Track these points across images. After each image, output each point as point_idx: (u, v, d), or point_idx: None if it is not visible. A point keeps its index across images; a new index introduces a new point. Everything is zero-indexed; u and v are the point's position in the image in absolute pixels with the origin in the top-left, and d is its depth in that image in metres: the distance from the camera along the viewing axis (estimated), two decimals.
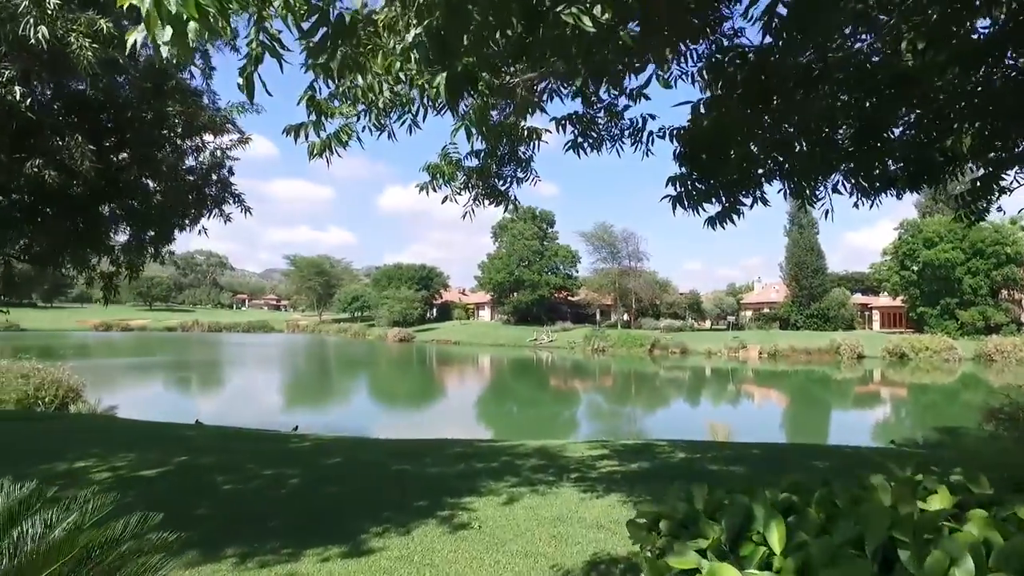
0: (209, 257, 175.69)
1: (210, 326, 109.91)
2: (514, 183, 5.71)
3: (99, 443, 9.06)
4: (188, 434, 10.38)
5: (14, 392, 19.21)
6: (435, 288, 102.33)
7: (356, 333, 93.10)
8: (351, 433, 19.10)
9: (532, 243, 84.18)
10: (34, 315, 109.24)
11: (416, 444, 9.88)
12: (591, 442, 9.06)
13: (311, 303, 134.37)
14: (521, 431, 25.25)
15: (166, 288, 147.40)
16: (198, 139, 7.76)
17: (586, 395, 38.00)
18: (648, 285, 77.51)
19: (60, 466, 7.41)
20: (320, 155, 4.10)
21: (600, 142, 5.24)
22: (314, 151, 4.08)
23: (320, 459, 7.80)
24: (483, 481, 6.33)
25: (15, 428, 10.89)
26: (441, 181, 5.36)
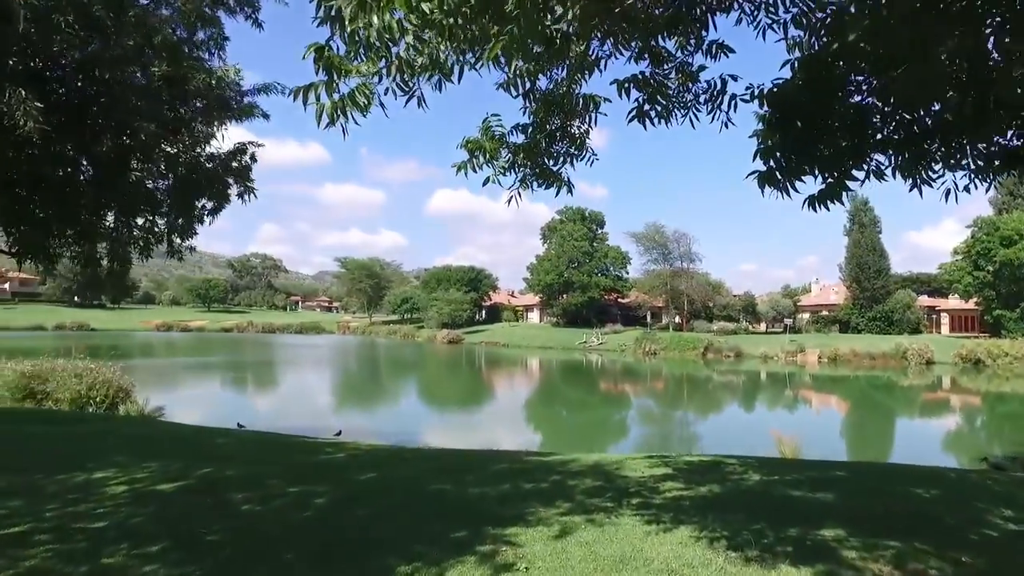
0: (264, 260, 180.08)
1: (264, 327, 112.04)
2: (567, 162, 4.90)
3: (128, 450, 8.63)
4: (220, 441, 9.90)
5: (68, 392, 19.37)
6: (484, 290, 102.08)
7: (405, 335, 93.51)
8: (395, 438, 18.60)
9: (581, 244, 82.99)
10: (103, 315, 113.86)
11: (458, 457, 9.15)
12: (651, 458, 8.15)
13: (362, 305, 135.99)
14: (570, 436, 24.42)
15: (223, 290, 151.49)
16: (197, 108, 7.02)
17: (637, 399, 36.82)
18: (701, 287, 75.45)
19: (79, 477, 6.94)
20: (333, 122, 3.37)
21: (669, 111, 4.40)
22: (325, 116, 3.35)
23: (352, 474, 7.13)
24: (531, 506, 5.53)
25: (56, 432, 10.59)
26: (482, 160, 4.59)
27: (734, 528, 5.03)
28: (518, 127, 4.70)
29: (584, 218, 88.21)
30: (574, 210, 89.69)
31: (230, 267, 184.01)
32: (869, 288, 62.49)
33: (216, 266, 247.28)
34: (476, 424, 26.41)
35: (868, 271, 62.48)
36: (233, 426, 16.81)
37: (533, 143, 4.68)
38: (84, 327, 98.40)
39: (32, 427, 10.69)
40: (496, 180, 4.74)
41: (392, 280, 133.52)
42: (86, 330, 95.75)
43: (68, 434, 9.96)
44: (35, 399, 19.59)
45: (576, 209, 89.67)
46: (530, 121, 4.67)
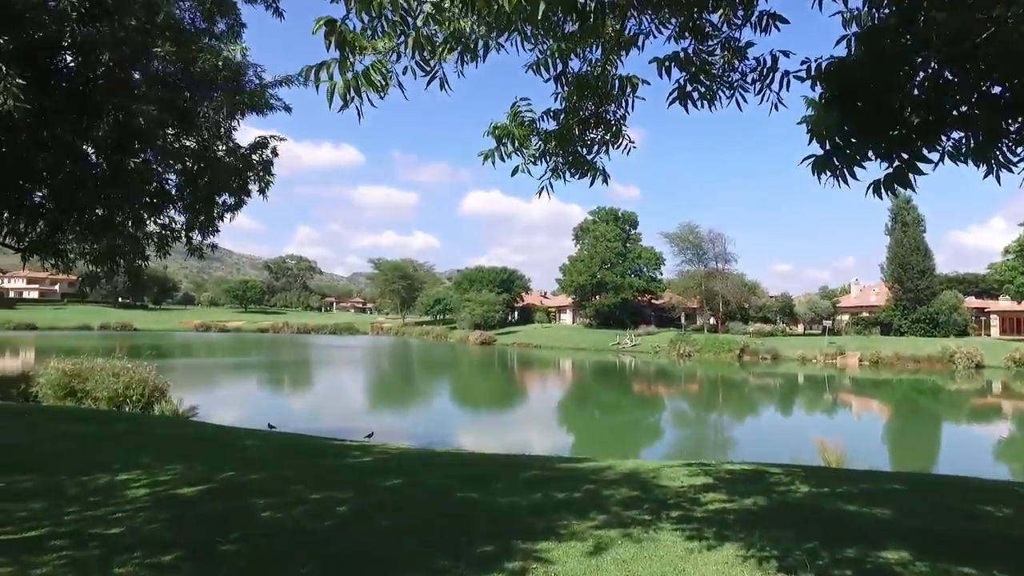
0: (300, 262, 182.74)
1: (299, 328, 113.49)
2: (602, 151, 4.55)
3: (155, 451, 8.53)
4: (248, 443, 9.76)
5: (106, 390, 19.63)
6: (516, 291, 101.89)
7: (438, 335, 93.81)
8: (425, 440, 18.42)
9: (614, 245, 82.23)
10: (145, 316, 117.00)
11: (488, 462, 8.86)
12: (690, 465, 7.74)
13: (395, 306, 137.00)
14: (603, 439, 23.98)
15: (260, 291, 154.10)
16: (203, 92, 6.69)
17: (671, 402, 36.17)
18: (736, 287, 74.07)
19: (102, 478, 6.82)
20: (347, 103, 3.09)
21: (714, 92, 4.03)
22: (337, 97, 3.06)
23: (377, 480, 6.88)
24: (563, 518, 5.19)
25: (88, 431, 10.57)
26: (510, 148, 4.28)
27: (784, 547, 4.63)
28: (549, 113, 4.37)
29: (617, 218, 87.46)
30: (607, 210, 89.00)
31: (266, 269, 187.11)
32: (912, 289, 60.54)
33: (253, 268, 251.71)
34: (507, 425, 26.15)
35: (911, 271, 60.52)
36: (264, 427, 16.81)
37: (565, 129, 4.34)
38: (127, 327, 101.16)
39: (66, 426, 10.69)
40: (526, 169, 4.41)
41: (425, 281, 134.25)
42: (129, 330, 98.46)
43: (99, 434, 9.93)
44: (76, 397, 19.90)
45: (609, 209, 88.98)
46: (561, 107, 4.34)
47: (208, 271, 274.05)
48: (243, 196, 7.82)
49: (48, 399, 20.04)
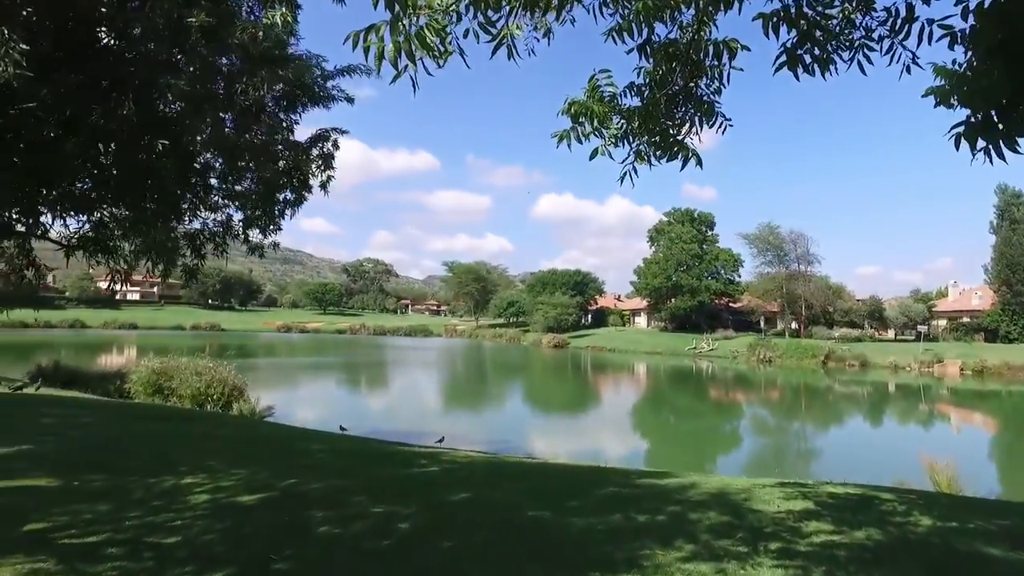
0: (376, 265, 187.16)
1: (375, 329, 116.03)
2: (693, 129, 3.98)
3: (223, 454, 8.45)
4: (315, 447, 9.59)
5: (189, 389, 20.23)
6: (590, 294, 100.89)
7: (511, 338, 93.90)
8: (496, 445, 18.05)
9: (691, 247, 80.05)
10: (232, 317, 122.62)
11: (561, 475, 8.33)
12: (784, 486, 6.97)
13: (468, 308, 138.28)
14: (678, 446, 23.14)
15: (338, 294, 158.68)
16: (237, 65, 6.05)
17: (750, 408, 34.65)
18: (820, 290, 70.77)
19: (168, 481, 6.70)
20: (398, 71, 2.66)
21: (829, 54, 3.39)
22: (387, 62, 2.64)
23: (444, 493, 6.47)
24: (645, 546, 4.63)
25: (163, 430, 10.69)
26: (588, 128, 3.77)
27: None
28: (632, 88, 3.84)
29: (693, 219, 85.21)
30: (682, 211, 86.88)
31: (345, 272, 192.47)
32: (1023, 292, 56.00)
33: (332, 271, 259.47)
34: (580, 430, 25.55)
35: (1022, 272, 55.93)
36: (337, 428, 16.84)
37: (651, 105, 3.80)
38: (215, 327, 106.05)
39: (145, 424, 10.86)
40: (606, 152, 3.88)
41: (498, 284, 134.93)
42: (217, 330, 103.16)
43: (173, 433, 9.99)
44: (163, 395, 20.61)
45: (684, 210, 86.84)
46: (645, 82, 3.81)
47: (290, 274, 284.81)
48: (304, 192, 7.59)
49: (139, 395, 20.85)
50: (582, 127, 3.74)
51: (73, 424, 10.11)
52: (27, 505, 5.85)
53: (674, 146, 3.91)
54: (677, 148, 3.91)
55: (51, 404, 12.95)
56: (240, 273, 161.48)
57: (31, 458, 7.67)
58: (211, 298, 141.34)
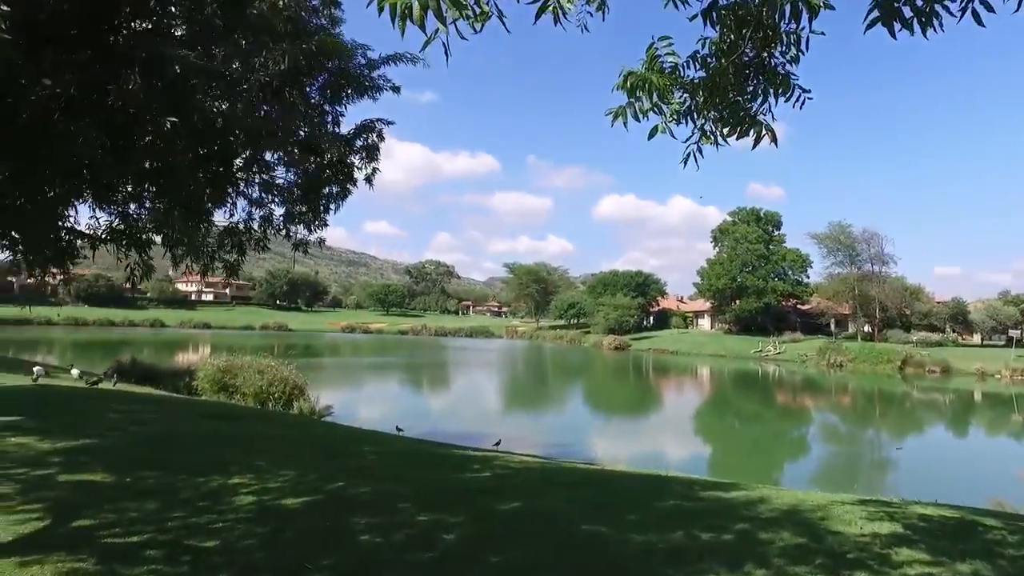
0: (438, 267, 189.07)
1: (436, 330, 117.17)
2: (767, 102, 3.54)
3: (275, 454, 8.42)
4: (367, 449, 9.49)
5: (252, 387, 20.68)
6: (651, 295, 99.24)
7: (572, 340, 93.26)
8: (554, 449, 17.71)
9: (756, 247, 77.55)
10: (298, 317, 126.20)
11: (619, 482, 7.94)
12: (866, 503, 6.35)
13: (529, 310, 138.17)
14: (742, 452, 22.29)
15: (401, 295, 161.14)
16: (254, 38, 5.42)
17: (820, 414, 33.15)
18: (895, 292, 67.41)
19: (216, 481, 6.66)
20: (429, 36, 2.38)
21: (932, 8, 2.90)
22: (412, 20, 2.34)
23: (494, 502, 6.18)
24: (711, 569, 4.19)
25: (220, 428, 10.81)
26: (647, 104, 3.40)
27: None
28: (695, 58, 3.44)
29: (759, 219, 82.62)
30: (747, 211, 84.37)
31: (407, 273, 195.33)
32: None
33: (395, 273, 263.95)
34: (641, 434, 24.96)
35: None
36: (393, 428, 16.85)
37: (718, 75, 3.40)
38: (283, 327, 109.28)
39: (204, 422, 11.02)
40: (666, 129, 3.49)
41: (559, 285, 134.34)
42: (284, 330, 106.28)
43: (229, 432, 10.07)
44: (227, 392, 21.14)
45: (750, 210, 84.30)
46: (710, 52, 3.42)
47: (354, 276, 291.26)
48: (348, 185, 7.42)
49: (206, 392, 21.46)
50: (640, 102, 3.35)
51: (136, 420, 10.33)
52: (82, 500, 5.90)
53: (744, 120, 3.47)
54: (748, 123, 3.46)
55: (120, 400, 13.34)
56: (307, 275, 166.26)
57: (94, 453, 7.82)
58: (279, 299, 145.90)
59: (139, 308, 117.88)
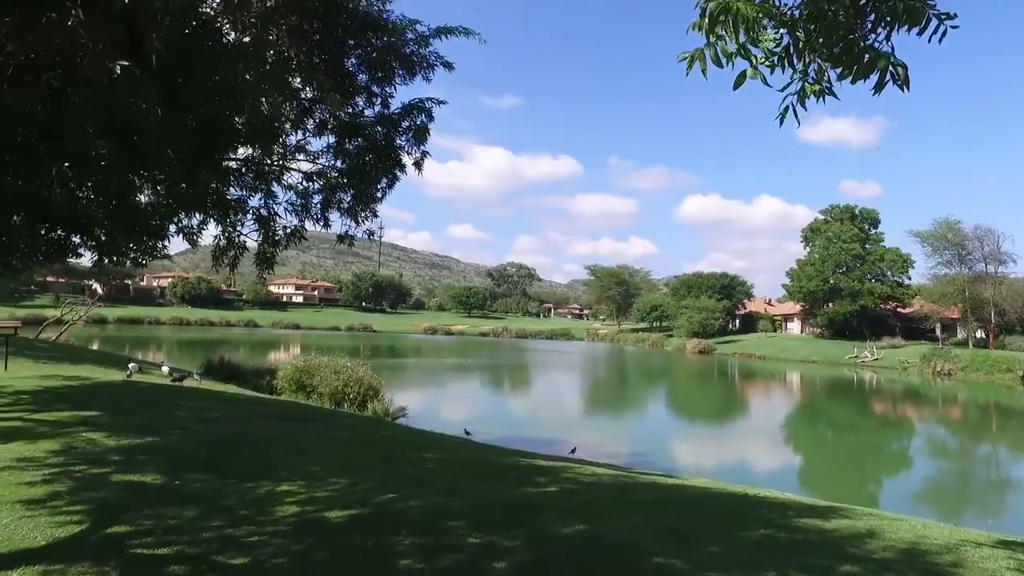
0: (520, 269, 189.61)
1: (517, 332, 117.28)
2: (891, 33, 2.74)
3: (331, 459, 8.09)
4: (428, 456, 9.02)
5: (327, 387, 20.86)
6: (737, 298, 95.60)
7: (654, 343, 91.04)
8: (631, 458, 16.88)
9: (851, 247, 73.01)
10: (382, 318, 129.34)
11: (699, 502, 7.14)
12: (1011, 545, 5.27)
13: (610, 312, 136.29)
14: (836, 463, 20.88)
15: (482, 297, 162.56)
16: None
17: (923, 427, 30.52)
18: (1015, 294, 61.67)
19: (264, 487, 6.35)
20: None
21: None
22: None
23: (556, 524, 5.53)
24: None
25: (282, 429, 10.60)
26: (731, 46, 2.69)
27: None
28: None
29: (854, 217, 77.93)
30: (841, 208, 79.80)
31: (489, 276, 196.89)
32: None
33: (478, 275, 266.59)
34: (725, 442, 23.65)
35: None
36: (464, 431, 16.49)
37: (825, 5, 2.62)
38: (368, 328, 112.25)
39: (266, 423, 10.85)
40: (758, 76, 2.75)
41: (641, 287, 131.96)
42: (369, 331, 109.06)
43: (290, 434, 9.84)
44: (304, 392, 21.41)
45: (844, 207, 79.70)
46: None
47: (438, 278, 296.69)
48: (396, 171, 6.92)
49: (285, 391, 21.81)
50: (722, 42, 2.68)
51: (202, 419, 10.30)
52: (125, 503, 5.70)
53: (863, 56, 2.67)
54: (871, 58, 2.65)
55: (195, 398, 13.50)
56: (391, 277, 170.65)
57: (152, 452, 7.72)
58: (364, 301, 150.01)
59: (235, 309, 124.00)
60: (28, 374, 15.51)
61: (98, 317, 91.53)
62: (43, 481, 6.23)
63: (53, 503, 5.56)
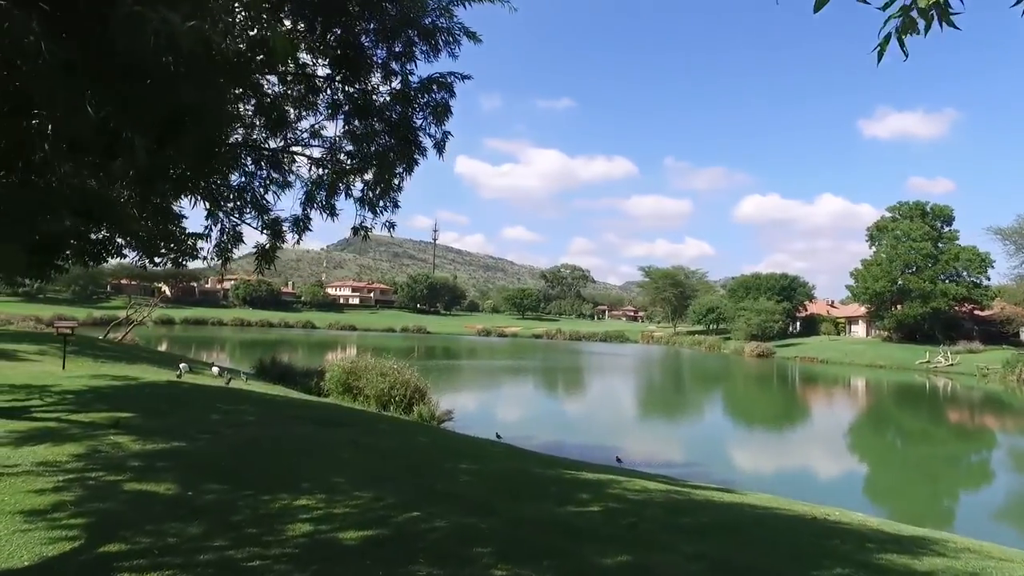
0: (574, 271, 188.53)
1: (571, 334, 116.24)
2: None
3: (358, 469, 7.56)
4: (463, 467, 8.42)
5: (374, 389, 20.60)
6: (798, 299, 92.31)
7: (711, 346, 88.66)
8: (686, 469, 15.99)
9: (922, 245, 69.25)
10: (436, 320, 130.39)
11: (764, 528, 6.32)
12: None
13: (666, 314, 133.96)
14: (907, 475, 19.56)
15: (536, 299, 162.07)
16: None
17: (1007, 438, 28.34)
18: None
19: (280, 501, 5.86)
20: None
21: None
22: None
23: (595, 554, 4.79)
24: None
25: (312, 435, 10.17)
26: None
27: None
28: None
29: (924, 214, 73.97)
30: (911, 205, 75.89)
31: (543, 278, 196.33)
32: None
33: (531, 277, 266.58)
34: (785, 449, 22.41)
35: None
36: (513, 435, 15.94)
37: None
38: (422, 330, 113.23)
39: (300, 428, 10.40)
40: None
41: (697, 289, 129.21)
42: (423, 332, 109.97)
43: (323, 440, 9.38)
44: (351, 394, 21.22)
45: (914, 204, 75.80)
46: None
47: (492, 280, 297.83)
48: (415, 154, 6.29)
49: (332, 393, 21.66)
50: None
51: (235, 422, 9.97)
52: (129, 517, 5.29)
53: None
54: None
55: (234, 400, 13.25)
56: (446, 279, 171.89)
57: (173, 458, 7.36)
58: (419, 303, 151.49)
59: (294, 311, 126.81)
60: (82, 373, 15.67)
61: (166, 318, 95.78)
62: (53, 489, 5.90)
63: (54, 515, 5.20)
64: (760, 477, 17.26)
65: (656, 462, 16.95)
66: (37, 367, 16.62)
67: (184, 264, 14.07)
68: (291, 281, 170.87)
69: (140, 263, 11.17)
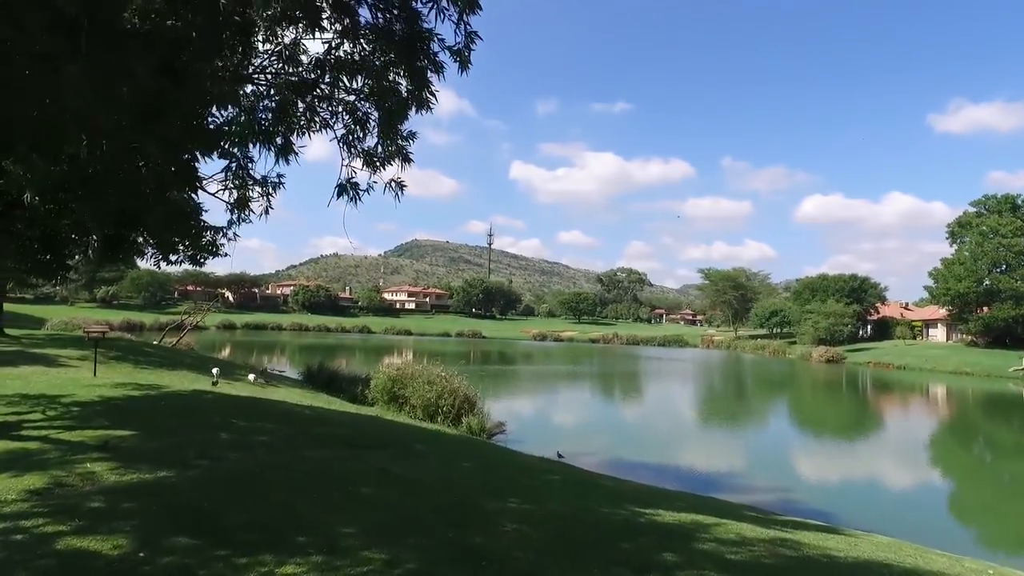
0: (630, 274, 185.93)
1: (628, 339, 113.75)
2: None
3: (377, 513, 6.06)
4: (511, 506, 6.77)
5: (420, 399, 19.40)
6: (869, 302, 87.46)
7: (775, 351, 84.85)
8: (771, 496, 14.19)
9: (1012, 242, 64.06)
10: (491, 325, 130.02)
11: None
12: None
13: (726, 318, 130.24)
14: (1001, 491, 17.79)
15: (592, 303, 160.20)
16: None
17: None
18: None
19: (261, 566, 4.47)
20: None
21: None
22: None
23: None
24: None
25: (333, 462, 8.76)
26: None
27: None
28: None
29: (1015, 208, 68.49)
30: (999, 198, 70.24)
31: (599, 282, 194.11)
32: None
33: (587, 281, 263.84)
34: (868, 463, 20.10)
35: None
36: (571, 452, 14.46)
37: None
38: (477, 334, 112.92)
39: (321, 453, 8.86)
40: None
41: (759, 292, 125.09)
42: (478, 337, 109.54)
43: (340, 470, 7.85)
44: (397, 403, 20.05)
45: (1003, 197, 70.08)
46: None
47: (548, 285, 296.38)
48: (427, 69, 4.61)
49: (378, 402, 20.52)
50: None
51: (243, 445, 8.65)
52: None
53: None
54: None
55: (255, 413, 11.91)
56: (501, 283, 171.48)
57: (148, 496, 5.99)
58: (475, 307, 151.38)
59: (350, 315, 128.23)
60: (109, 381, 14.84)
61: (228, 323, 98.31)
62: None
63: None
64: (846, 498, 15.41)
65: (741, 486, 15.25)
66: (68, 374, 15.91)
67: (203, 262, 13.17)
68: (349, 286, 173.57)
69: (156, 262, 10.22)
